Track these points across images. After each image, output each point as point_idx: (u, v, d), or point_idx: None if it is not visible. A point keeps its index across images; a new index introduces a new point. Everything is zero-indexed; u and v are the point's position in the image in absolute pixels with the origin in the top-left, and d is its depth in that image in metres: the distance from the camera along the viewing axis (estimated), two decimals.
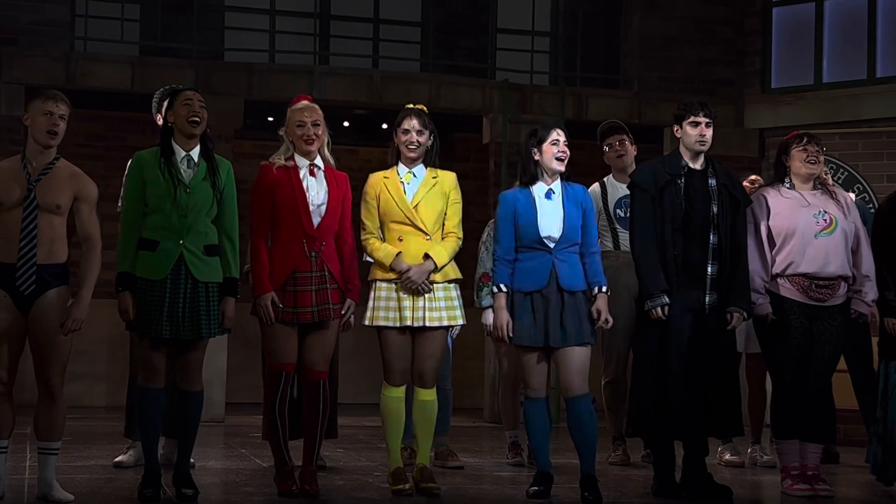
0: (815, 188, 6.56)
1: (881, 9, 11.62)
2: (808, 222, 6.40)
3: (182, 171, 5.67)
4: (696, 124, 6.29)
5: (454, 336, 7.43)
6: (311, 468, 5.94)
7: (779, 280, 6.41)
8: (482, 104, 11.58)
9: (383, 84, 11.30)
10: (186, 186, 5.64)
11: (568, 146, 6.13)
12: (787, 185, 6.55)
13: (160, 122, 6.92)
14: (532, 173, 6.15)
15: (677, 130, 6.37)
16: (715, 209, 6.24)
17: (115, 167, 6.99)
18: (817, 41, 11.92)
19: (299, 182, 5.93)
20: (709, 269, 6.20)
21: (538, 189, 6.12)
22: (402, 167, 6.20)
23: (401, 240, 6.09)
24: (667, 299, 6.08)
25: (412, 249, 6.07)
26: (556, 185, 6.13)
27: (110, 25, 11.38)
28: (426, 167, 6.21)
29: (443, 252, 6.10)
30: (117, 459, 6.83)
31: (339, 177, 6.07)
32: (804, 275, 6.36)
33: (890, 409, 6.62)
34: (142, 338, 5.69)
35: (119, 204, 6.63)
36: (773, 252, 6.43)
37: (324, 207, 5.94)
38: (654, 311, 6.09)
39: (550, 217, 6.06)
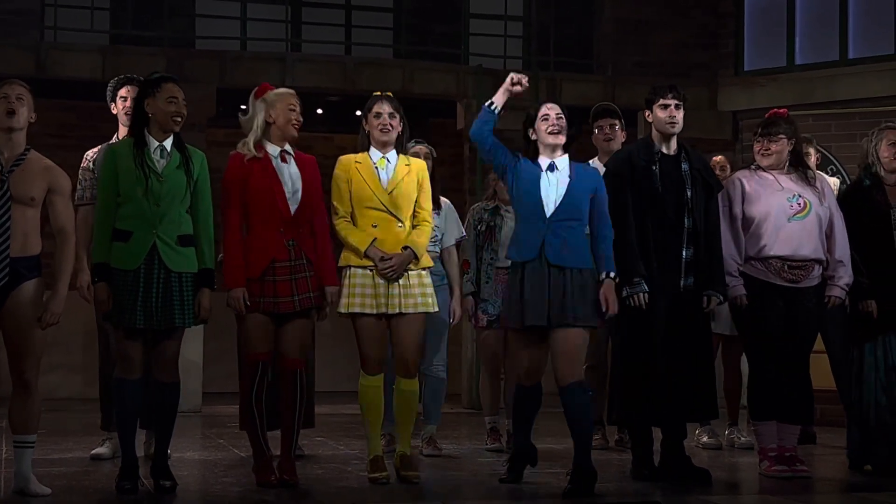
0: (789, 172, 6.57)
1: None
2: (781, 206, 6.42)
3: (155, 160, 5.63)
4: (666, 107, 6.30)
5: (452, 324, 7.35)
6: (289, 458, 5.91)
7: (752, 262, 6.43)
8: (456, 89, 11.56)
9: (356, 71, 11.27)
10: (159, 175, 5.60)
11: (562, 118, 6.00)
12: (764, 168, 6.57)
13: (114, 111, 6.91)
14: (531, 152, 6.04)
15: (648, 115, 6.38)
16: (689, 194, 6.25)
17: None
18: (790, 23, 11.96)
19: (273, 170, 5.87)
20: (684, 254, 6.22)
21: (542, 161, 6.02)
22: (374, 152, 6.15)
23: (375, 226, 6.03)
24: (646, 287, 6.08)
25: (387, 236, 6.03)
26: (562, 161, 6.00)
27: (80, 14, 11.32)
28: (398, 153, 6.18)
29: (420, 241, 6.08)
30: (94, 451, 6.79)
31: (307, 160, 6.01)
32: (777, 257, 6.39)
33: (865, 392, 6.64)
34: (116, 328, 5.65)
35: (75, 198, 6.57)
36: (747, 235, 6.45)
37: (299, 194, 5.90)
38: (633, 297, 6.09)
39: (550, 185, 5.93)
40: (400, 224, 6.07)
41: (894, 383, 6.59)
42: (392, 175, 6.10)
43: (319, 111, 11.94)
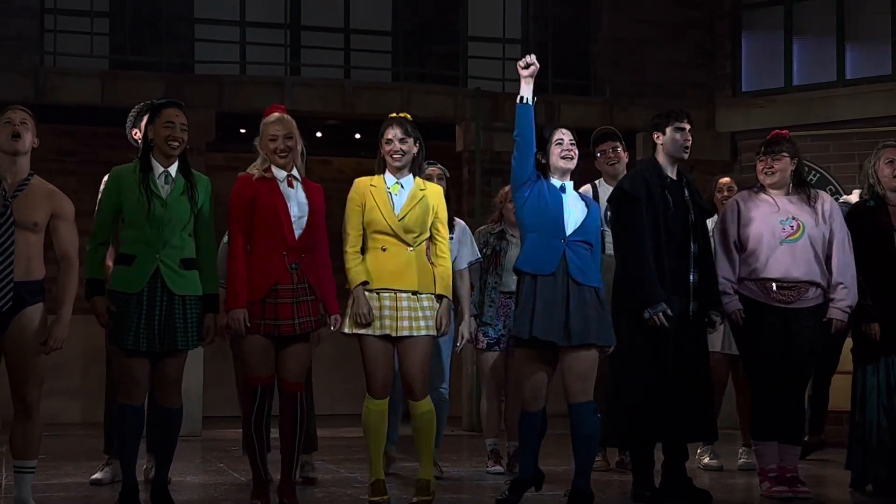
0: (791, 192, 6.58)
1: (849, 11, 11.70)
2: (773, 229, 6.46)
3: (160, 186, 5.65)
4: (681, 130, 6.32)
5: (458, 350, 7.31)
6: (289, 481, 5.89)
7: (747, 283, 6.47)
8: (454, 112, 11.58)
9: (355, 94, 11.29)
10: (163, 200, 5.61)
11: (574, 145, 6.04)
12: (766, 188, 6.60)
13: (136, 136, 6.84)
14: (542, 174, 6.05)
15: (658, 137, 6.37)
16: (692, 218, 6.28)
17: (87, 182, 6.94)
18: (787, 44, 11.99)
19: (280, 193, 5.88)
20: (691, 278, 6.23)
21: (554, 182, 6.03)
22: (389, 176, 6.11)
23: (384, 249, 6.01)
24: (665, 306, 6.06)
25: (394, 261, 5.97)
26: (569, 185, 6.05)
27: (79, 40, 11.33)
28: (413, 177, 6.14)
29: (447, 277, 6.07)
30: (94, 476, 6.78)
31: (314, 188, 6.02)
32: (769, 279, 6.42)
33: (868, 412, 6.63)
34: (120, 352, 5.65)
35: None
36: (742, 257, 6.49)
37: (304, 219, 5.89)
38: (655, 317, 6.05)
39: (570, 206, 5.96)
40: (410, 249, 6.04)
41: None
42: (405, 201, 6.06)
43: (319, 134, 11.96)
